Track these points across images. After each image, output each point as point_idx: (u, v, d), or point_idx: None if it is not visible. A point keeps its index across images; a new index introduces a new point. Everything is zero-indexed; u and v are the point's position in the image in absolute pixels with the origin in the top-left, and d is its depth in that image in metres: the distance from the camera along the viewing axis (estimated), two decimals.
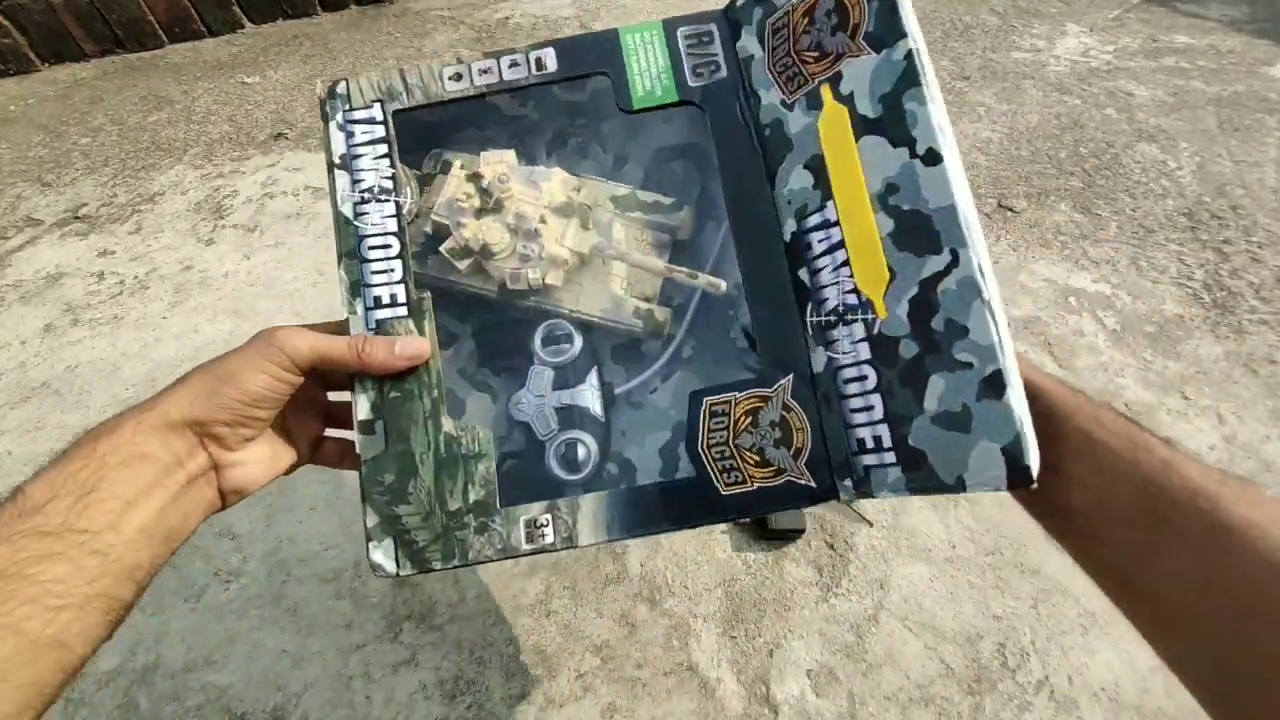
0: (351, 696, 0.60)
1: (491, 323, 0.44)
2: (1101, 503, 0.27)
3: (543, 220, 0.41)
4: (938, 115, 0.30)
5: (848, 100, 0.32)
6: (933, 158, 0.29)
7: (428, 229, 0.42)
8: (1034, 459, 0.27)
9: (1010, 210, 0.98)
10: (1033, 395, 0.29)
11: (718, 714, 0.58)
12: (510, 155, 0.43)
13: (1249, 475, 0.70)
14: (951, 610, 0.63)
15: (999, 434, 0.27)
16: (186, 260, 0.98)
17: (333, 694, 0.60)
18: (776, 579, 0.65)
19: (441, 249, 0.42)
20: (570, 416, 0.40)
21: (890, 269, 0.31)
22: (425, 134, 0.44)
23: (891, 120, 0.31)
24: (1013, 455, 0.27)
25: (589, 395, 0.41)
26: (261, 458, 0.35)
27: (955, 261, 0.29)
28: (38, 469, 0.29)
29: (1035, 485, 0.26)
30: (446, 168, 0.44)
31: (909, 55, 0.30)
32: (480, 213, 0.42)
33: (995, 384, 0.27)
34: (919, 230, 0.30)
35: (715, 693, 0.59)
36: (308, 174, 1.10)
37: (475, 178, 0.42)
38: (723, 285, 0.41)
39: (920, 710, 0.58)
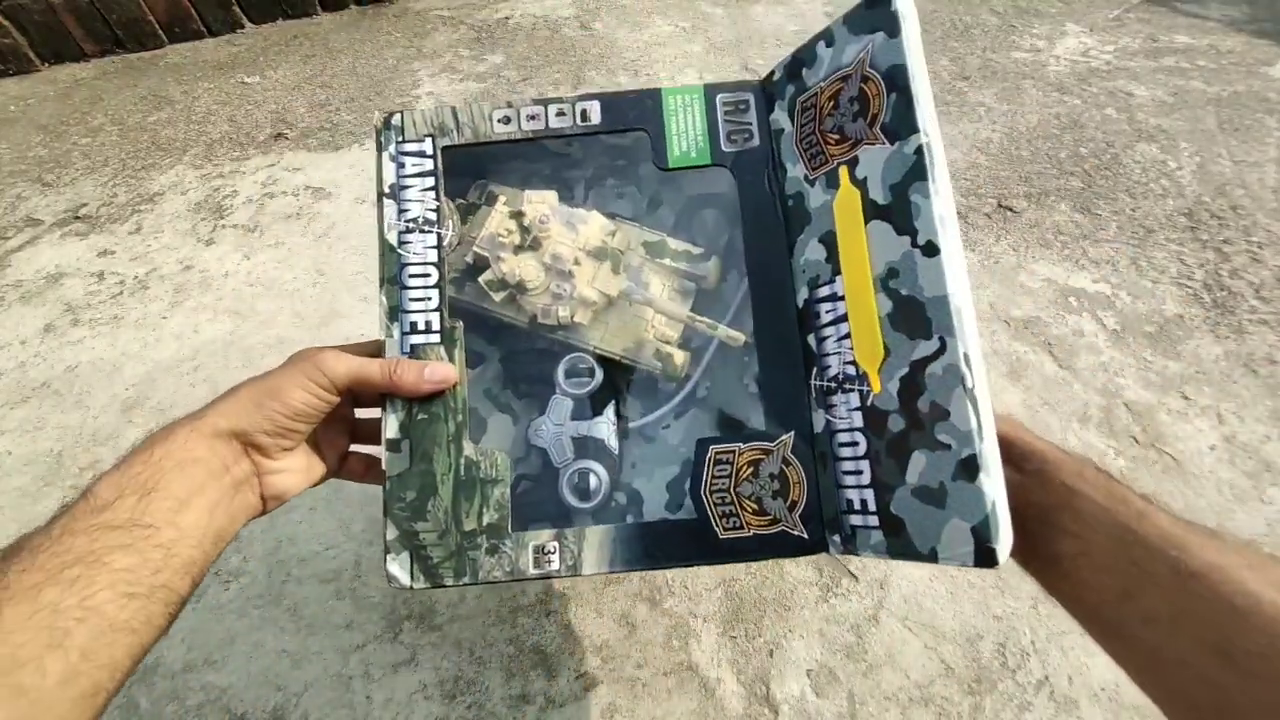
0: (351, 696, 0.60)
1: (518, 349, 0.46)
2: (1084, 551, 0.29)
3: (577, 262, 0.44)
4: (940, 208, 0.31)
5: (861, 184, 0.34)
6: (931, 249, 0.31)
7: (469, 258, 0.44)
8: (1002, 543, 0.28)
9: (1010, 210, 0.98)
10: (1026, 455, 0.32)
11: (718, 714, 0.58)
12: (552, 196, 0.45)
13: (1249, 475, 0.70)
14: (951, 610, 0.63)
15: (970, 514, 0.29)
16: (186, 260, 0.98)
17: (333, 694, 0.60)
18: (776, 579, 0.65)
19: (480, 280, 0.44)
20: (585, 447, 0.42)
21: (886, 347, 0.33)
22: (473, 163, 0.46)
23: (898, 209, 0.32)
24: (981, 536, 0.28)
25: (605, 428, 0.43)
26: (299, 467, 0.38)
27: (943, 349, 0.30)
28: (100, 472, 0.31)
29: (997, 566, 0.28)
30: (491, 199, 0.46)
31: (919, 150, 0.32)
32: (519, 249, 0.44)
33: (970, 467, 0.29)
34: (913, 315, 0.31)
35: (715, 693, 0.59)
36: (308, 174, 1.10)
37: (518, 215, 0.44)
38: (741, 338, 0.43)
39: (920, 710, 0.58)
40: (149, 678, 0.61)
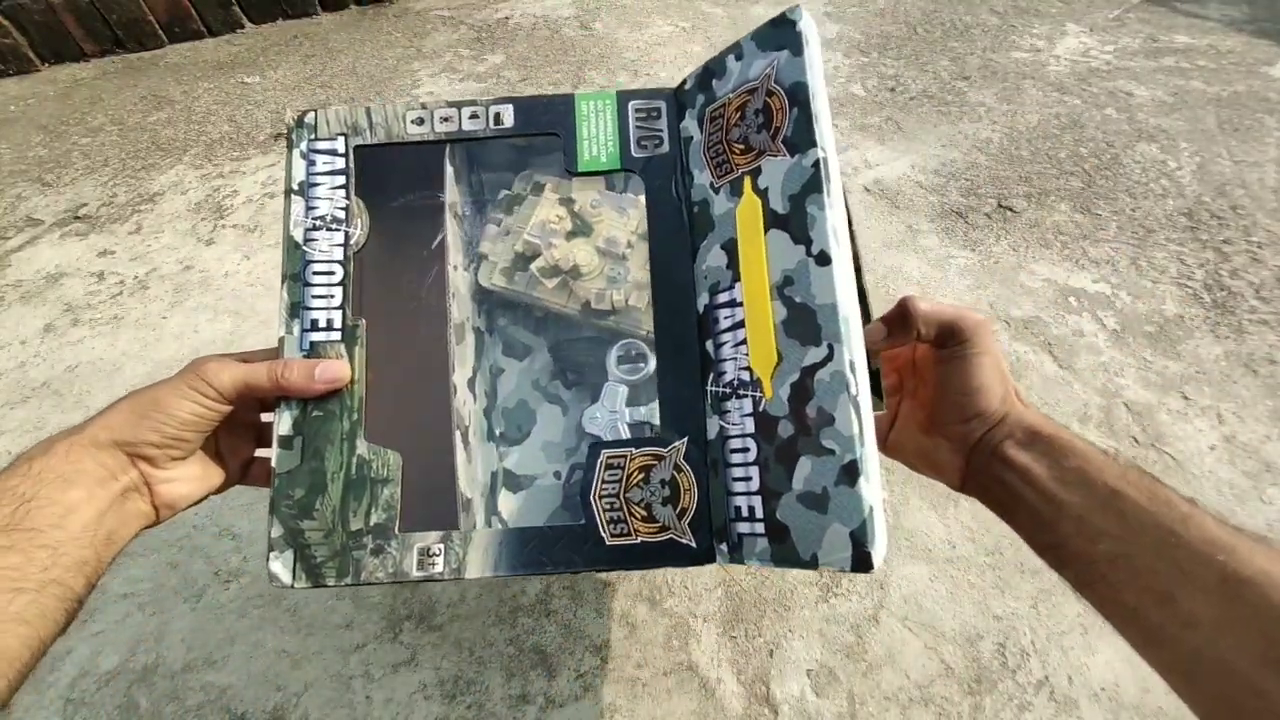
0: (351, 696, 0.60)
1: (566, 339, 0.47)
2: (1125, 552, 0.28)
3: (630, 245, 0.44)
4: (834, 220, 0.32)
5: (763, 194, 0.35)
6: (824, 259, 0.32)
7: (518, 247, 0.44)
8: (878, 548, 0.29)
9: (1010, 210, 0.98)
10: (1067, 453, 0.31)
11: (718, 714, 0.58)
12: (599, 182, 0.45)
13: (1249, 475, 0.70)
14: (951, 610, 0.63)
15: (850, 518, 0.29)
16: (186, 260, 0.98)
17: (332, 694, 0.60)
18: (776, 578, 0.65)
19: (532, 267, 0.44)
20: (642, 433, 0.42)
21: (779, 353, 0.33)
22: (518, 155, 0.47)
23: (796, 219, 0.33)
24: (859, 539, 0.29)
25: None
26: (192, 476, 0.37)
27: (831, 355, 0.31)
28: None
29: (872, 571, 0.29)
30: (539, 189, 0.46)
31: (816, 164, 0.33)
32: (571, 235, 0.45)
33: (851, 472, 0.30)
34: (805, 322, 0.32)
35: (715, 693, 0.59)
36: None
37: (568, 202, 0.45)
38: None
39: (920, 710, 0.58)
40: (149, 678, 0.61)
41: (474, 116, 0.41)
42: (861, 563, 0.29)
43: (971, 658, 0.60)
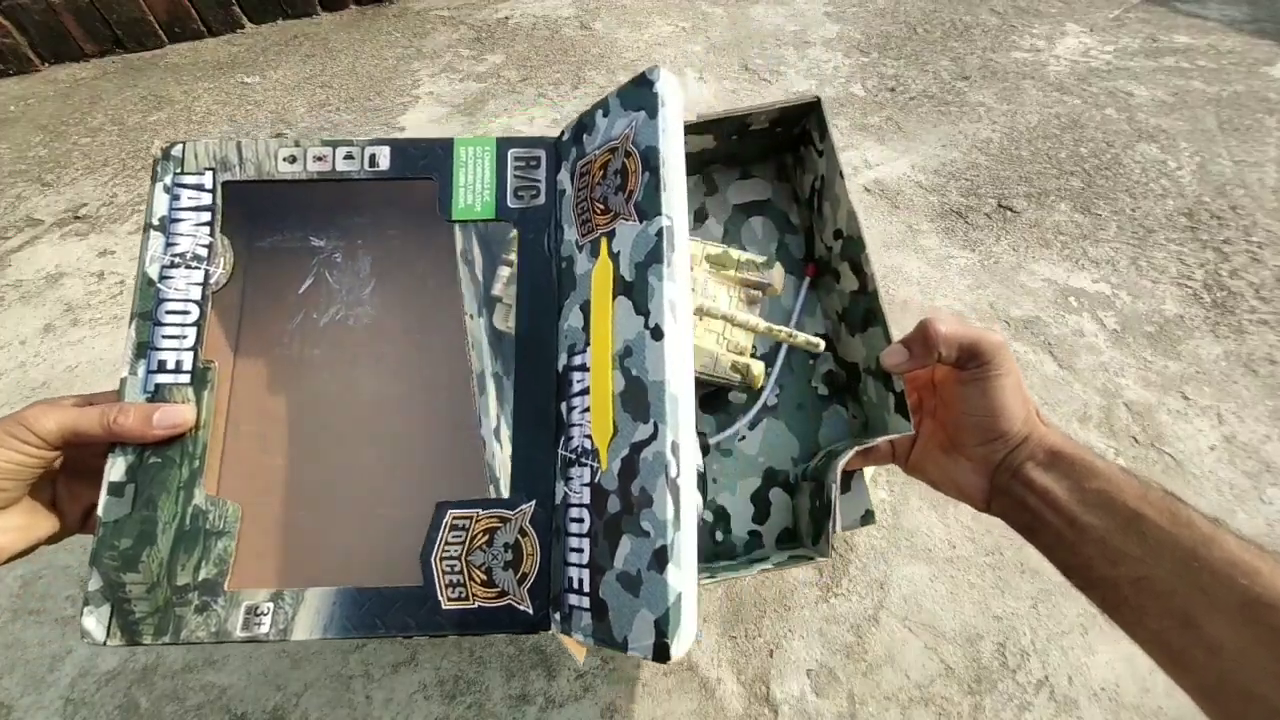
0: (351, 696, 0.60)
1: None
2: (1146, 574, 0.28)
3: None
4: (672, 293, 0.31)
5: (615, 258, 0.35)
6: (658, 333, 0.31)
7: None
8: (679, 641, 0.28)
9: (1010, 210, 0.98)
10: (1088, 474, 0.31)
11: (718, 714, 0.58)
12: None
13: (1249, 475, 0.70)
14: (951, 610, 0.63)
15: (656, 605, 0.28)
16: None
17: (332, 694, 0.60)
18: (776, 579, 0.65)
19: None
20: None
21: (615, 425, 0.32)
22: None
23: (639, 288, 0.33)
24: (660, 629, 0.28)
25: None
26: (14, 526, 0.35)
27: (655, 435, 0.30)
28: None
29: (669, 661, 0.28)
30: None
31: (660, 232, 0.32)
32: None
33: (661, 558, 0.29)
34: (637, 396, 0.32)
35: (715, 693, 0.59)
36: None
37: None
38: (820, 345, 0.43)
39: (920, 710, 0.58)
40: (149, 678, 0.61)
41: (349, 157, 0.41)
42: (660, 653, 0.28)
43: (971, 658, 0.60)
